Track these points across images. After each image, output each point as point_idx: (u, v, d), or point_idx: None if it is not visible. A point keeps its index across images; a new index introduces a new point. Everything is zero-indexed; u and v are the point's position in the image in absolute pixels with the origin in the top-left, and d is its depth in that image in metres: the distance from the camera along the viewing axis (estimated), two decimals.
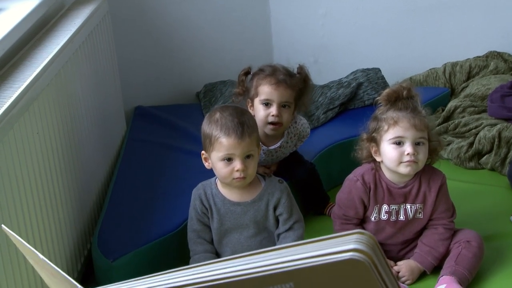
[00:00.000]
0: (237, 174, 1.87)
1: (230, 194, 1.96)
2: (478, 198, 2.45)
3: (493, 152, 2.63)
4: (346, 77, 3.10)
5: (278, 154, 2.32)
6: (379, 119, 1.97)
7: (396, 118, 1.93)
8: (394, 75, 2.95)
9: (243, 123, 1.86)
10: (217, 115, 1.90)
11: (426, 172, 2.02)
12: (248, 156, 1.88)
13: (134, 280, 0.70)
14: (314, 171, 2.42)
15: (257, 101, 2.21)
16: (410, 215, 2.03)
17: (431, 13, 3.35)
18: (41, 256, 0.79)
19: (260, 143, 1.97)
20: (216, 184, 1.98)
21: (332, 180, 2.54)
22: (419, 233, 2.08)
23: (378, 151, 1.99)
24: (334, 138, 2.67)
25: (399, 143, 1.93)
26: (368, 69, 3.09)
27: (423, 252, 2.02)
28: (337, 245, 0.60)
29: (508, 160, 2.57)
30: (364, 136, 2.02)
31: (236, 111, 1.92)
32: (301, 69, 2.28)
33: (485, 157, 2.66)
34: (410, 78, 3.28)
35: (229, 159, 1.87)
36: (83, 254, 2.16)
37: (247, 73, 2.29)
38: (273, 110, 2.18)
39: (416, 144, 1.93)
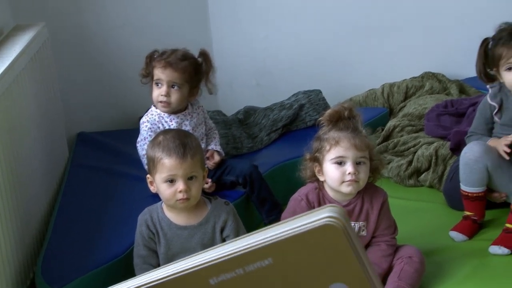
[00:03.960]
0: (180, 195, 1.88)
1: (177, 218, 1.97)
2: (418, 215, 2.51)
3: (431, 169, 2.71)
4: (288, 99, 3.16)
5: (193, 124, 2.46)
6: (322, 139, 2.01)
7: (337, 138, 1.97)
8: (334, 97, 3.02)
9: (185, 144, 1.89)
10: (160, 137, 1.94)
11: (368, 190, 2.06)
12: (191, 178, 1.90)
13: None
14: (257, 169, 2.48)
15: (153, 82, 2.43)
16: None
17: (369, 36, 3.44)
18: None
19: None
20: (162, 208, 1.98)
21: None
22: None
23: (321, 170, 2.03)
24: (277, 159, 2.70)
25: (340, 162, 1.97)
26: (309, 91, 3.15)
27: None
28: (312, 216, 0.64)
29: (444, 177, 2.65)
30: (308, 156, 2.06)
31: (179, 133, 1.96)
32: (202, 54, 2.47)
33: (423, 174, 2.74)
34: (350, 99, 3.35)
35: (171, 180, 1.89)
36: (26, 284, 2.12)
37: (152, 55, 2.47)
38: (162, 90, 2.39)
39: (357, 163, 1.97)
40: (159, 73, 2.39)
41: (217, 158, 2.46)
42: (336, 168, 1.98)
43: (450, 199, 2.52)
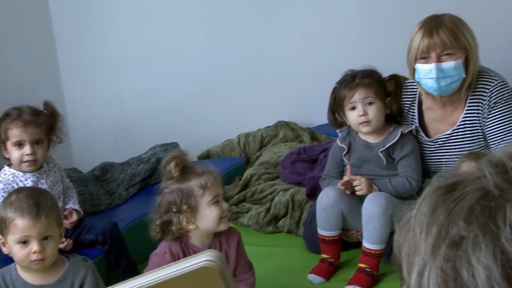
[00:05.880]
0: (34, 257, 1.82)
1: (32, 278, 1.89)
2: (278, 260, 2.57)
3: (288, 215, 2.80)
4: (146, 152, 3.15)
5: (50, 182, 2.38)
6: (185, 189, 2.03)
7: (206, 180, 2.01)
8: (192, 148, 3.04)
9: (39, 204, 1.84)
10: (13, 197, 1.88)
11: (223, 232, 2.09)
12: (46, 237, 1.84)
13: None
14: (117, 227, 2.46)
15: (9, 144, 2.33)
16: None
17: (222, 88, 3.53)
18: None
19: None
20: (16, 269, 1.90)
21: (138, 257, 2.52)
22: None
23: (191, 219, 2.03)
24: (136, 214, 2.67)
25: (217, 201, 2.01)
26: (166, 144, 3.17)
27: None
28: (191, 260, 0.71)
29: (302, 222, 2.73)
30: (174, 209, 2.05)
31: (33, 192, 1.92)
32: (46, 105, 2.42)
33: (281, 220, 2.81)
34: (208, 150, 3.40)
35: (25, 242, 1.82)
36: None
37: None
38: (27, 149, 2.30)
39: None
40: (19, 133, 2.31)
41: (75, 217, 2.41)
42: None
43: (310, 244, 2.59)
